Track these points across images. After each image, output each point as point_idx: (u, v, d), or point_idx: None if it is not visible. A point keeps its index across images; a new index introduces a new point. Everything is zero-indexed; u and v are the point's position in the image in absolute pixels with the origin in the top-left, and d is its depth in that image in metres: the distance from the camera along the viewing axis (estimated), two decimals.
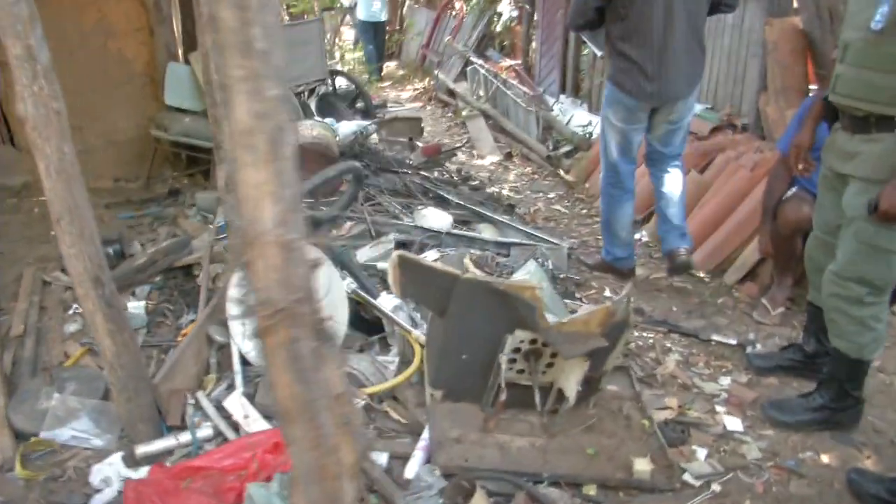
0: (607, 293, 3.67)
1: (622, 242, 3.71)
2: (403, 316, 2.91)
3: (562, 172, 5.61)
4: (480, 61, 8.08)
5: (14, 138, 5.49)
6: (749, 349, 3.08)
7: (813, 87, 4.22)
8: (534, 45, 7.86)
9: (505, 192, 5.45)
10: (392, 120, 5.49)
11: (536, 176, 5.88)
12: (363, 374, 2.65)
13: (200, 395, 2.68)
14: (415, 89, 10.06)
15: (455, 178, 5.40)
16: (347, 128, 4.78)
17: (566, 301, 3.26)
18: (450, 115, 8.25)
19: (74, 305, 3.31)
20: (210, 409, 2.60)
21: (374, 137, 4.96)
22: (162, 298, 3.41)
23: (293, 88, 5.42)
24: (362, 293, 2.94)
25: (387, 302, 2.93)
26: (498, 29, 8.98)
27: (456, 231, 3.73)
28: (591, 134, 5.98)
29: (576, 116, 6.44)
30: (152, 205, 5.01)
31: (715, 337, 3.18)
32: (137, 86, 5.54)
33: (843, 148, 2.32)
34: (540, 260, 3.51)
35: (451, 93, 8.46)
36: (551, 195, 5.36)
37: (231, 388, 2.69)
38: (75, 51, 5.17)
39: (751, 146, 4.35)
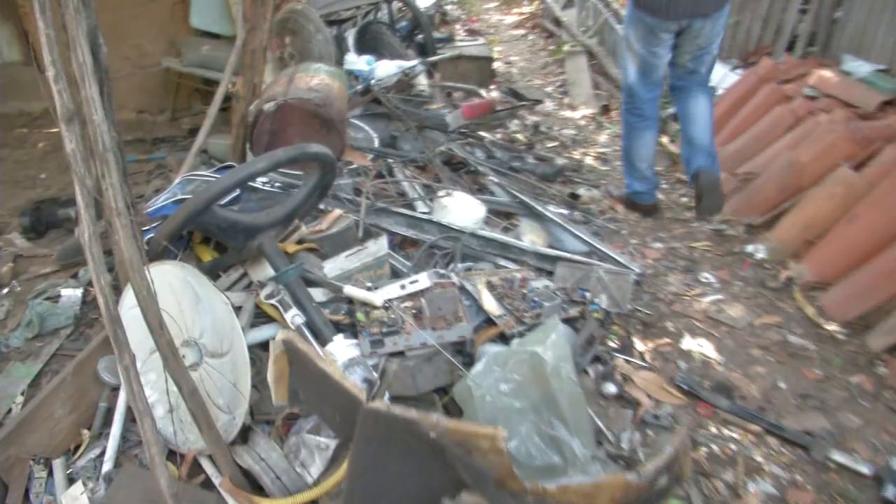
0: (686, 343, 2.58)
1: (641, 175, 3.54)
2: (359, 375, 2.01)
3: (665, 140, 4.37)
4: None
5: (37, 60, 4.95)
6: (891, 488, 1.96)
7: None
8: None
9: (589, 160, 4.30)
10: (454, 59, 4.43)
11: None
12: (270, 471, 1.80)
13: (58, 463, 1.95)
14: (521, 14, 8.76)
15: (527, 138, 4.31)
16: (386, 69, 3.80)
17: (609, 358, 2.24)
18: (552, 48, 6.98)
19: None
20: (61, 485, 1.88)
21: (423, 82, 3.95)
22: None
23: (336, 14, 4.46)
24: (306, 333, 2.07)
25: (340, 350, 2.03)
26: None
27: (483, 232, 2.73)
28: (715, 90, 4.63)
29: None
30: (164, 146, 4.33)
31: (837, 456, 2.07)
32: (167, 3, 4.78)
33: None
34: (589, 295, 2.47)
35: (558, 21, 7.17)
36: None
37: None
38: None
39: None
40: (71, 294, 2.70)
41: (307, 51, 4.04)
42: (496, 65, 6.40)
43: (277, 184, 2.69)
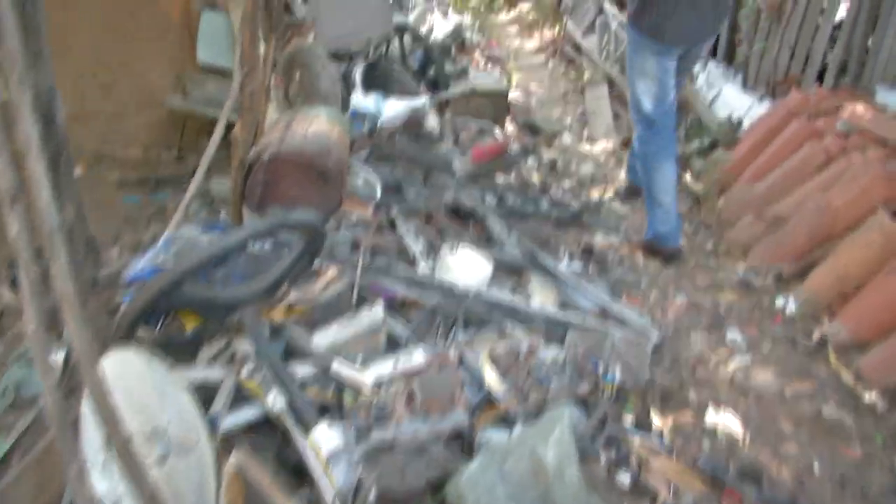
0: (710, 417, 2.36)
1: (665, 213, 3.31)
2: (343, 468, 1.83)
3: (688, 177, 4.15)
4: (615, 9, 6.51)
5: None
6: None
7: None
8: None
9: (608, 198, 4.10)
10: (468, 95, 4.27)
11: None
12: None
13: None
14: (542, 39, 8.59)
15: (542, 179, 4.13)
16: (394, 108, 3.64)
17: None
18: (573, 75, 6.80)
19: None
20: None
21: (433, 121, 3.78)
22: None
23: (346, 49, 4.33)
24: (287, 419, 1.90)
25: (323, 438, 1.86)
26: None
27: (489, 294, 2.55)
28: (740, 123, 4.42)
29: (724, 94, 4.84)
30: (168, 186, 4.23)
31: None
32: (175, 38, 4.70)
33: None
34: (602, 366, 2.27)
35: (579, 48, 6.99)
36: None
37: None
38: None
39: None
40: (52, 358, 2.57)
41: (314, 89, 3.91)
42: (514, 95, 6.25)
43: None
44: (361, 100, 3.70)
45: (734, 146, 4.19)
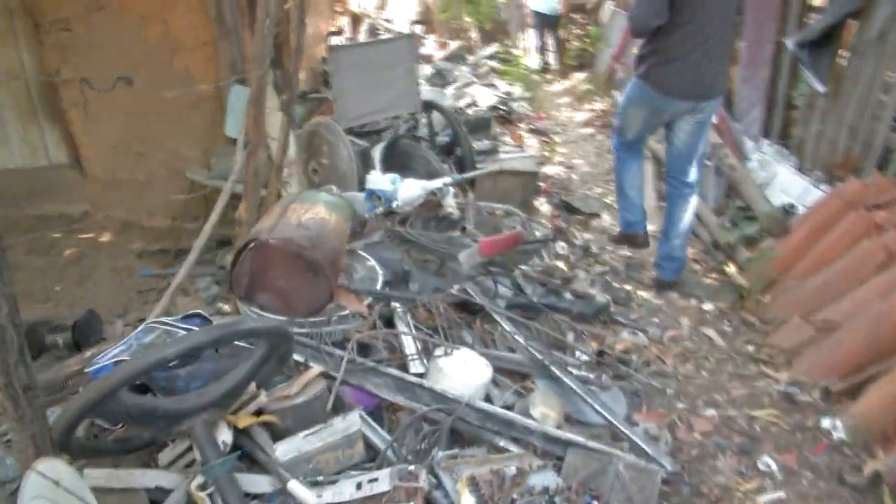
0: None
1: (632, 204, 3.96)
2: None
3: (731, 269, 3.84)
4: None
5: (82, 163, 5.02)
6: None
7: None
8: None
9: (641, 291, 3.83)
10: (495, 175, 4.11)
11: (697, 265, 4.14)
12: None
13: None
14: (592, 110, 8.47)
15: (570, 265, 3.89)
16: (410, 190, 3.51)
17: None
18: None
19: None
20: None
21: (451, 203, 3.63)
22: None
23: (371, 126, 4.28)
24: None
25: None
26: None
27: (482, 405, 2.31)
28: (792, 210, 4.11)
29: (779, 177, 4.55)
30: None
31: None
32: (206, 111, 4.77)
33: None
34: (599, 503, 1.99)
35: None
36: (707, 306, 3.64)
37: None
38: (138, 68, 4.51)
39: None
40: None
41: (332, 167, 3.85)
42: (555, 170, 6.08)
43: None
44: (377, 179, 3.59)
45: (785, 236, 3.88)
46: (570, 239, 4.36)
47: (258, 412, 2.20)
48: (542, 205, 4.85)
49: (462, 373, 2.41)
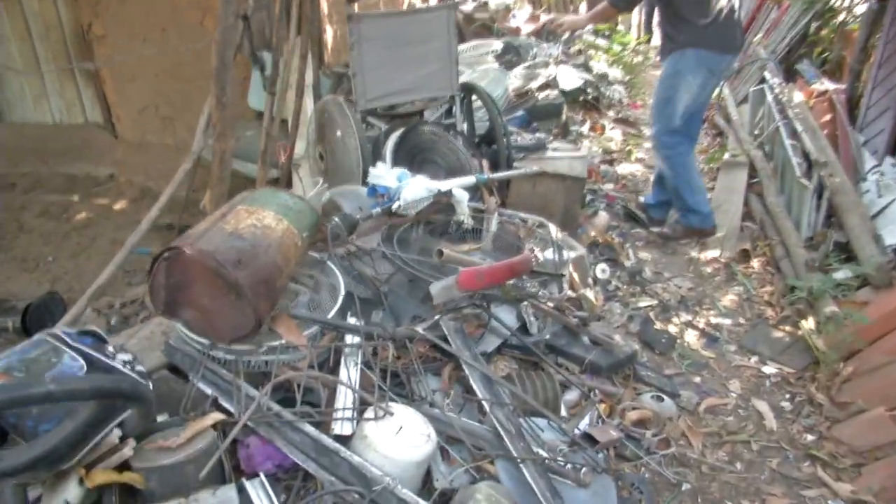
0: None
1: (703, 196, 3.92)
2: None
3: (808, 324, 3.09)
4: (777, 79, 5.43)
5: (114, 123, 4.84)
6: None
7: None
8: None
9: (691, 336, 3.17)
10: (533, 177, 3.50)
11: (771, 311, 3.39)
12: None
13: None
14: None
15: (623, 290, 3.27)
16: (415, 190, 3.01)
17: None
18: (713, 151, 5.77)
19: None
20: None
21: (464, 210, 3.09)
22: None
23: (397, 109, 3.78)
24: None
25: None
26: (824, 31, 5.99)
27: (403, 494, 1.82)
28: None
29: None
30: None
31: None
32: (236, 78, 4.42)
33: None
34: None
35: (729, 118, 5.96)
36: (768, 369, 2.93)
37: None
38: (168, 26, 4.23)
39: None
40: None
41: (337, 152, 3.41)
42: (633, 169, 5.37)
43: None
44: (381, 173, 3.11)
45: (889, 290, 3.08)
46: (618, 259, 3.72)
47: (123, 466, 1.83)
48: (600, 212, 4.20)
49: (391, 445, 1.91)
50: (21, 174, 4.84)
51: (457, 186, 3.18)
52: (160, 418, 2.08)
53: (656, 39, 10.14)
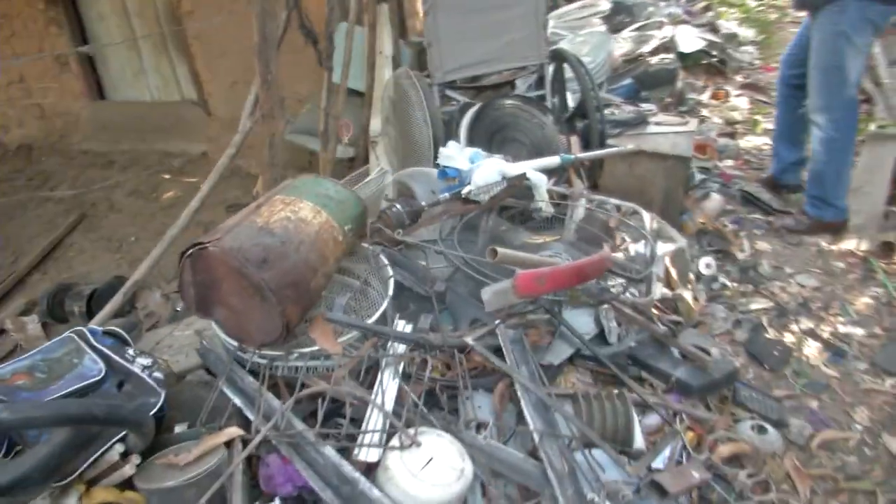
0: None
1: (846, 189, 3.44)
2: None
3: None
4: None
5: (207, 102, 4.83)
6: None
7: None
8: None
9: (810, 348, 2.69)
10: (629, 156, 3.07)
11: None
12: None
13: None
14: None
15: (732, 289, 2.84)
16: (485, 174, 2.69)
17: None
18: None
19: None
20: None
21: (542, 195, 2.74)
22: None
23: (482, 80, 3.47)
24: None
25: None
26: None
27: None
28: None
29: None
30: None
31: None
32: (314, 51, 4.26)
33: None
34: None
35: (878, 82, 5.14)
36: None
37: None
38: None
39: None
40: None
41: (411, 129, 3.15)
42: (758, 142, 4.75)
43: None
44: (452, 154, 2.83)
45: None
46: (729, 250, 3.24)
47: (127, 484, 1.71)
48: (712, 194, 3.70)
49: (414, 481, 1.66)
50: (121, 151, 4.98)
51: (533, 168, 2.85)
52: (180, 428, 1.95)
53: None
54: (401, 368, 2.05)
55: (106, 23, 5.09)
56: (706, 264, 3.04)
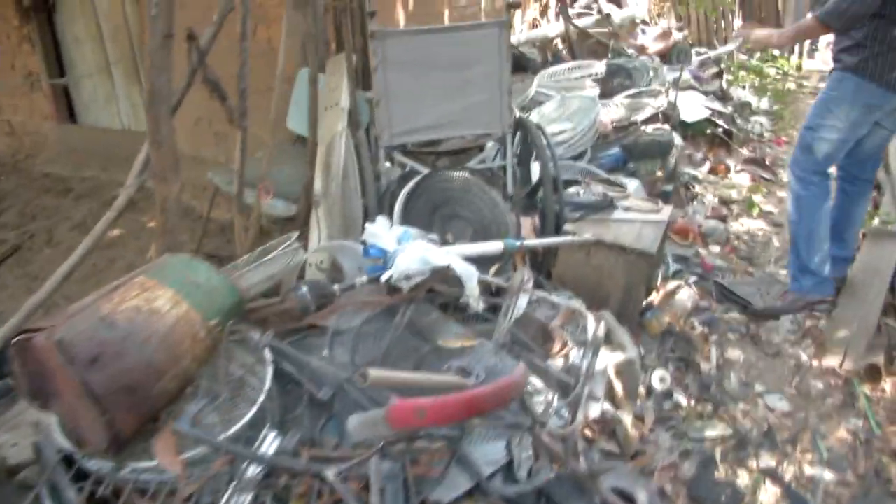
0: None
1: (825, 255, 3.30)
2: None
3: None
4: None
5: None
6: None
7: None
8: None
9: (768, 499, 2.33)
10: (586, 246, 2.73)
11: None
12: None
13: None
14: None
15: (682, 399, 2.51)
16: (408, 259, 2.39)
17: None
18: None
19: None
20: None
21: (472, 288, 2.42)
22: None
23: (439, 145, 3.20)
24: None
25: None
26: None
27: None
28: None
29: None
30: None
31: None
32: (284, 94, 4.03)
33: None
34: None
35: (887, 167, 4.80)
36: None
37: None
38: (219, 34, 3.91)
39: None
40: None
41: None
42: (752, 227, 4.42)
43: None
44: (378, 232, 2.54)
45: None
46: (694, 359, 2.90)
47: None
48: (684, 286, 3.36)
49: None
50: (81, 178, 4.78)
51: (473, 253, 2.56)
52: None
53: (816, 63, 8.86)
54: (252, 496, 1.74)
55: (80, 46, 4.91)
56: (660, 378, 2.70)
